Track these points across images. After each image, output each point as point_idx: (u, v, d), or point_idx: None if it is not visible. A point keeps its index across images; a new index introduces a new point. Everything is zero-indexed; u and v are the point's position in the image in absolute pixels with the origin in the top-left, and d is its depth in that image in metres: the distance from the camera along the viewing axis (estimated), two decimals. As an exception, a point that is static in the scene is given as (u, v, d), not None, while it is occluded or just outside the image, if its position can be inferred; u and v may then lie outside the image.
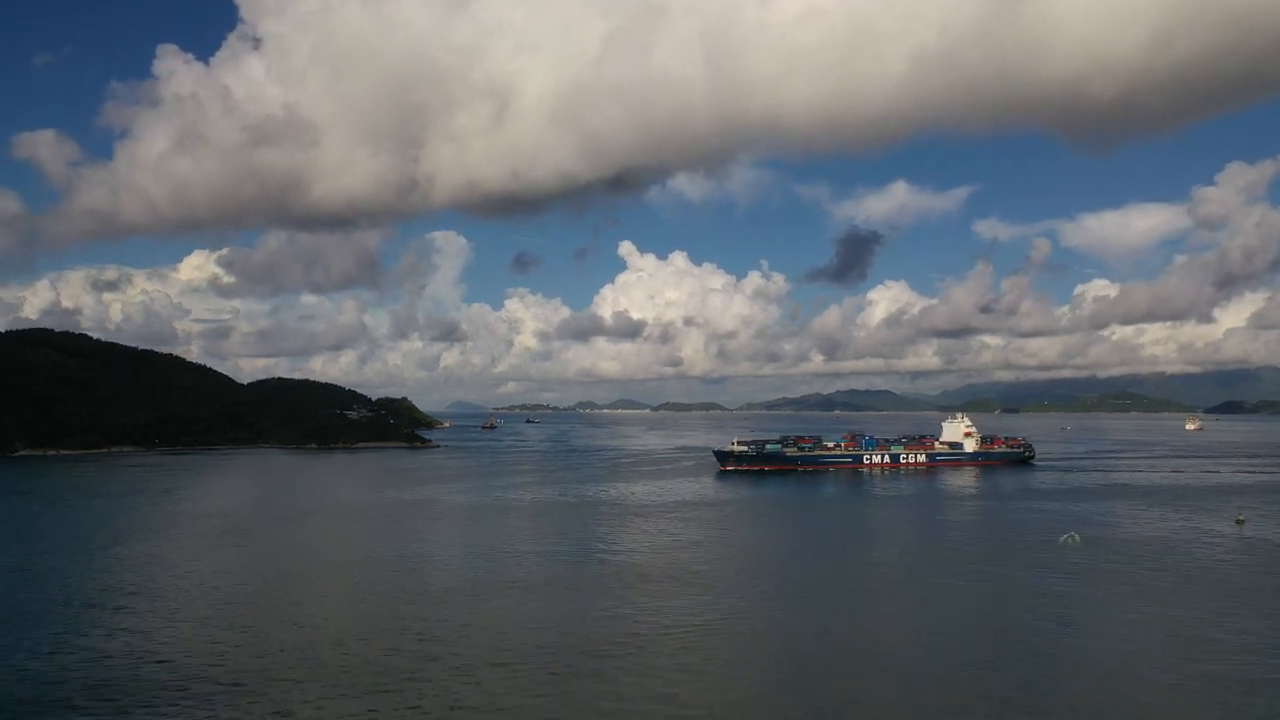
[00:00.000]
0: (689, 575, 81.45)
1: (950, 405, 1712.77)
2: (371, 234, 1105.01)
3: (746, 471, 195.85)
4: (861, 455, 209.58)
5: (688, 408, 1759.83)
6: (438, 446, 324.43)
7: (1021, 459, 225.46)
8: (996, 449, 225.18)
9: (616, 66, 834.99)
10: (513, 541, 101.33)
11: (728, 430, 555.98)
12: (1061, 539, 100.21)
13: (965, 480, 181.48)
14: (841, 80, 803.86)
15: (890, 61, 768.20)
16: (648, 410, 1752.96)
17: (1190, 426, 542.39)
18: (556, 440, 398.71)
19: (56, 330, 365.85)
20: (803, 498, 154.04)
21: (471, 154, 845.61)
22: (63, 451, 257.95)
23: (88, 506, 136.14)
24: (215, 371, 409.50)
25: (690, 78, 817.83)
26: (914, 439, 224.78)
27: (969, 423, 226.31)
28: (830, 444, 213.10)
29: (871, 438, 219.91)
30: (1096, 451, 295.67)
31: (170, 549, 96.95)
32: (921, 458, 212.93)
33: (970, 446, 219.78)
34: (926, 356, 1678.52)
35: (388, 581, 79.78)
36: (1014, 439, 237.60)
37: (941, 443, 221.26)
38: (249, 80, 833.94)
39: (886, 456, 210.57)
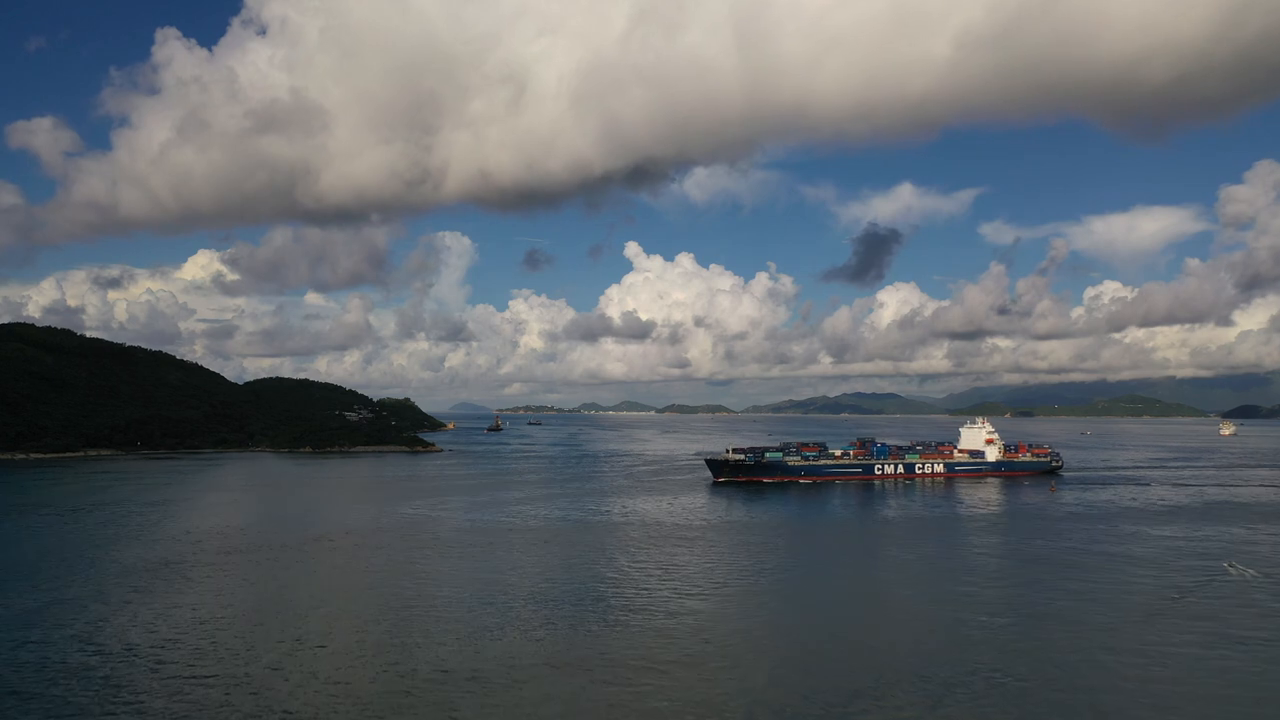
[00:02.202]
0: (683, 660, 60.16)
1: (957, 408, 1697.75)
2: (379, 230, 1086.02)
3: (743, 483, 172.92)
4: (872, 465, 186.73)
5: (693, 410, 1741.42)
6: (440, 451, 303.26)
7: (1049, 469, 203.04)
8: (1021, 458, 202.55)
9: (642, 48, 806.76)
10: (520, 587, 79.61)
11: (742, 433, 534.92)
12: (1226, 567, 79.44)
13: (998, 495, 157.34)
14: (879, 64, 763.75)
15: (933, 44, 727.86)
16: (653, 412, 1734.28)
17: (1225, 431, 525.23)
18: (567, 444, 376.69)
19: (39, 325, 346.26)
20: (812, 520, 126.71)
21: (485, 142, 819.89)
22: (33, 455, 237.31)
23: (18, 525, 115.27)
24: (206, 369, 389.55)
25: (719, 60, 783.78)
26: (930, 446, 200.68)
27: (990, 428, 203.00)
28: (838, 452, 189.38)
29: (883, 445, 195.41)
30: (1136, 460, 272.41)
31: (75, 594, 75.84)
32: (939, 468, 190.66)
33: (993, 455, 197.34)
34: (936, 359, 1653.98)
35: (356, 658, 58.49)
36: (1040, 447, 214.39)
37: (960, 450, 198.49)
38: (254, 66, 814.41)
39: (900, 466, 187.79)
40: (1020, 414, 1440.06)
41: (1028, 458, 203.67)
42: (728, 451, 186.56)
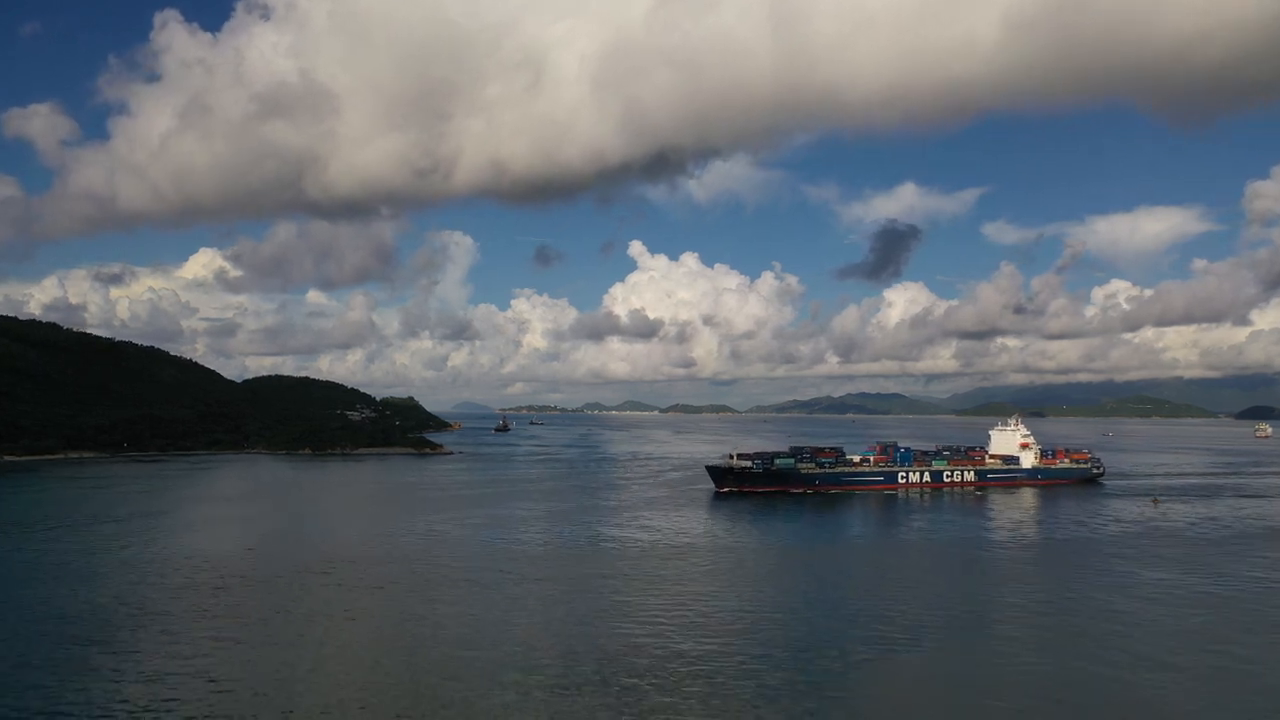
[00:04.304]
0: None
1: (963, 408, 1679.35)
2: (386, 225, 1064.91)
3: (749, 494, 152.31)
4: (896, 473, 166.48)
5: (697, 410, 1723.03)
6: (449, 453, 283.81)
7: (1089, 477, 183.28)
8: (1059, 464, 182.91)
9: (667, 29, 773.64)
10: (556, 652, 60.79)
11: (758, 434, 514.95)
12: None
13: (1072, 510, 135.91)
14: (919, 46, 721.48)
15: (979, 24, 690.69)
16: (656, 412, 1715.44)
17: (1261, 434, 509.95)
18: (582, 446, 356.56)
19: (23, 319, 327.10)
20: (839, 546, 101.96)
21: (500, 129, 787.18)
22: (7, 457, 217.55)
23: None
24: (201, 366, 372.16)
25: (749, 41, 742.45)
26: (959, 451, 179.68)
27: (1025, 430, 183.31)
28: (856, 458, 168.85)
29: (907, 450, 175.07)
30: (1196, 466, 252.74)
31: None
32: (970, 475, 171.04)
33: (1028, 461, 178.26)
34: (943, 359, 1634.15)
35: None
36: (1078, 451, 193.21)
37: (993, 456, 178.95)
38: (259, 52, 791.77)
39: (926, 474, 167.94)
40: (1032, 414, 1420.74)
41: (1066, 464, 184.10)
42: (731, 457, 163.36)
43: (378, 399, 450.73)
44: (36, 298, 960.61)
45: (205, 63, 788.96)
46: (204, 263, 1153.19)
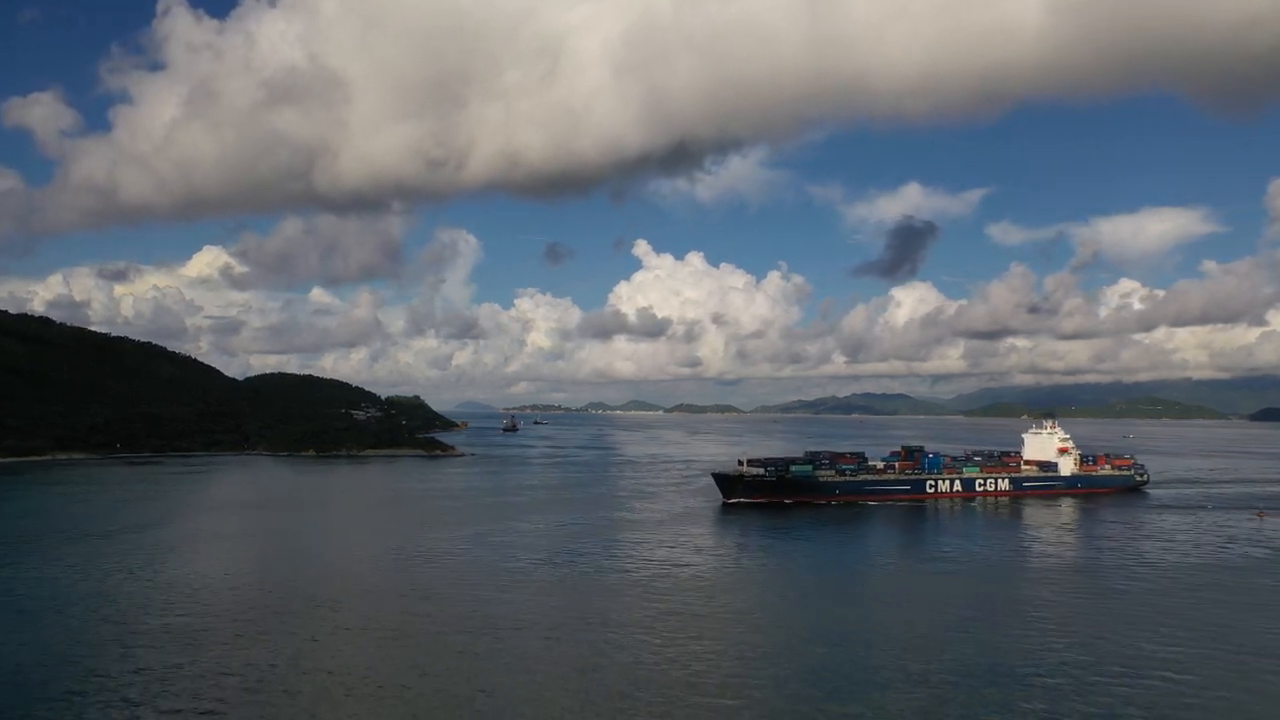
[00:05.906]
0: None
1: (969, 409, 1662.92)
2: (395, 220, 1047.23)
3: (761, 505, 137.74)
4: (923, 481, 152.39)
5: (702, 409, 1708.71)
6: (461, 455, 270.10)
7: (1133, 485, 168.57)
8: (1101, 471, 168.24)
9: (693, 13, 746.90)
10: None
11: (770, 435, 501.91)
12: None
13: (1119, 524, 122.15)
14: (958, 30, 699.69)
15: (1019, 8, 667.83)
16: (661, 412, 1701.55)
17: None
18: (598, 448, 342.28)
19: (13, 314, 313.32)
20: (891, 582, 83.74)
21: (516, 118, 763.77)
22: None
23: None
24: (201, 363, 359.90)
25: (779, 25, 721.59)
26: (992, 457, 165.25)
27: (1063, 434, 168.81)
28: (879, 464, 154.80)
29: (936, 455, 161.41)
30: (1255, 471, 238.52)
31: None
32: (1005, 484, 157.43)
33: (1068, 467, 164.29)
34: (951, 359, 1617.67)
35: None
36: (1121, 457, 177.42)
37: (1028, 462, 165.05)
38: (268, 37, 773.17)
39: (957, 483, 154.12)
40: (1043, 415, 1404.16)
41: (1108, 471, 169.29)
42: (741, 464, 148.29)
43: (383, 398, 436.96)
44: (40, 295, 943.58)
45: (212, 49, 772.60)
46: (209, 260, 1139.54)
